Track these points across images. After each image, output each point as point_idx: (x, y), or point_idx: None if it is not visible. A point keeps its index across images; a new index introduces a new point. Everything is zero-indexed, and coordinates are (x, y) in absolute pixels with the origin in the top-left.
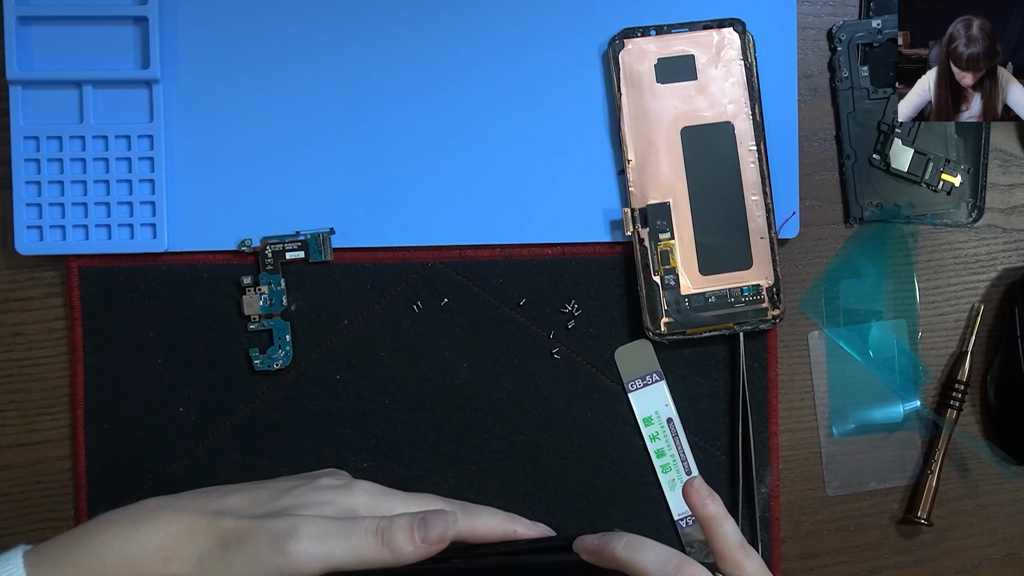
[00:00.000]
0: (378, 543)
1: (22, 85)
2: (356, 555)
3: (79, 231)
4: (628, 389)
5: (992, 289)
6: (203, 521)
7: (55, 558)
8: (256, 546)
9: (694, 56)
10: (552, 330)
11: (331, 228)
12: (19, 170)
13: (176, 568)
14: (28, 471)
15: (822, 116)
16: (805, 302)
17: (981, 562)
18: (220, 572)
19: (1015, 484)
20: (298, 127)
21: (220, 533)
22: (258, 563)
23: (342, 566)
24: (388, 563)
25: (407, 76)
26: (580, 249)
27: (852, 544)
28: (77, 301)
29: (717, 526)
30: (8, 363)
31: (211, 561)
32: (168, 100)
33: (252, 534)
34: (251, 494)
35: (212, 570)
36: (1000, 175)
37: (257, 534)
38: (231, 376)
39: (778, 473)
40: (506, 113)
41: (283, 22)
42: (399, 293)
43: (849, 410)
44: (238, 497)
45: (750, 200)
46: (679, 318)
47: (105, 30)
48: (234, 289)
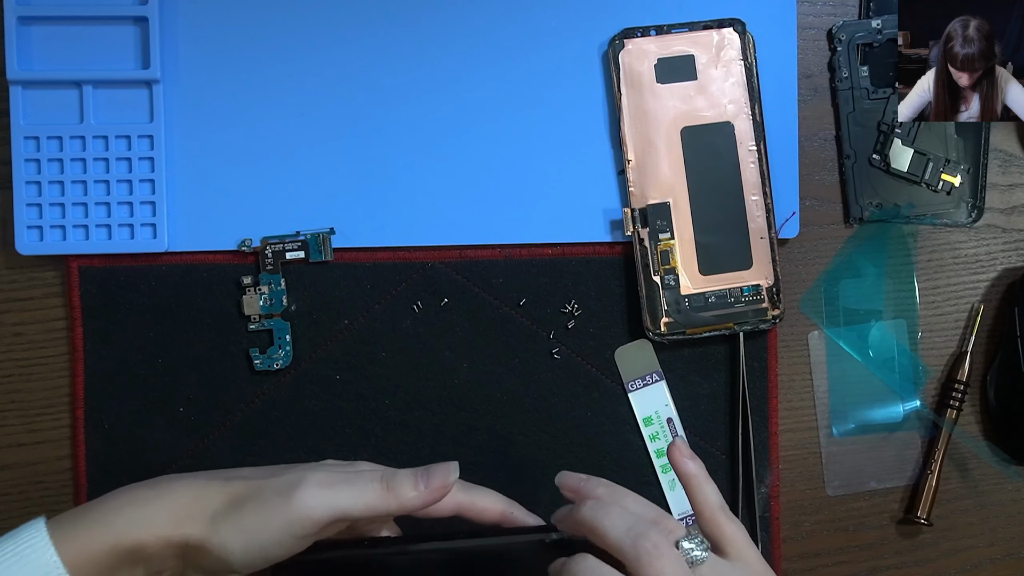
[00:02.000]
0: (383, 489)
1: (22, 85)
2: (362, 502)
3: (79, 231)
4: (628, 389)
5: (992, 289)
6: (215, 484)
7: (74, 522)
8: (266, 497)
9: (694, 56)
10: (552, 330)
11: (331, 228)
12: (19, 170)
13: (189, 529)
14: (28, 471)
15: (822, 116)
16: (805, 302)
17: (981, 562)
18: (232, 527)
19: (1015, 484)
20: (298, 127)
21: (231, 493)
22: (268, 513)
23: (349, 513)
24: (393, 510)
25: (407, 76)
26: (580, 249)
27: (852, 544)
28: (77, 301)
29: (697, 485)
30: (8, 363)
31: (223, 519)
32: (168, 100)
33: (262, 489)
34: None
35: (224, 527)
36: (1000, 175)
37: (266, 488)
38: (231, 376)
39: (778, 473)
40: (506, 113)
41: (283, 22)
42: (399, 293)
43: (849, 410)
44: (248, 469)
45: (750, 200)
46: (679, 318)
47: (105, 30)
48: (234, 289)
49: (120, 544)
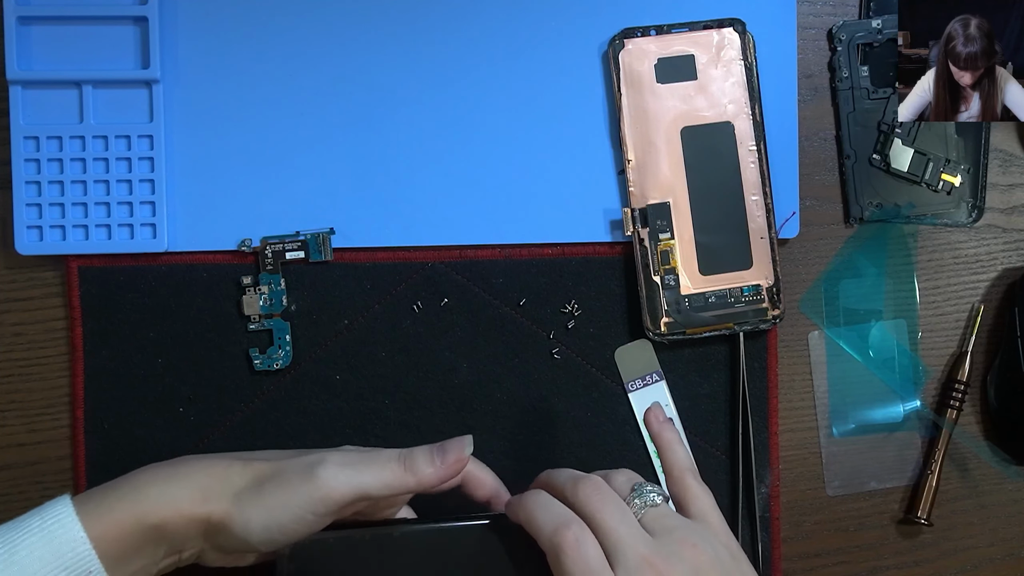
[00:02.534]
0: (400, 467)
1: (22, 85)
2: (381, 479)
3: (79, 231)
4: (628, 389)
5: (992, 289)
6: (238, 464)
7: (99, 499)
8: (287, 476)
9: (694, 56)
10: (552, 330)
11: (331, 228)
12: (19, 170)
13: (214, 506)
14: (28, 471)
15: (822, 116)
16: (805, 302)
17: (981, 562)
18: (255, 505)
19: (1015, 484)
20: (298, 127)
21: (254, 472)
22: (290, 491)
23: (369, 490)
24: (411, 487)
25: (407, 76)
26: (580, 249)
27: (852, 544)
28: (77, 301)
29: (669, 447)
30: (8, 363)
31: (246, 497)
32: (168, 100)
33: (283, 468)
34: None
35: (247, 505)
36: (1000, 175)
37: (288, 467)
38: (231, 376)
39: (778, 473)
40: (506, 113)
41: (283, 22)
42: (399, 293)
43: (849, 410)
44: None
45: (750, 200)
46: (679, 318)
47: (105, 30)
48: (234, 289)
49: (145, 520)
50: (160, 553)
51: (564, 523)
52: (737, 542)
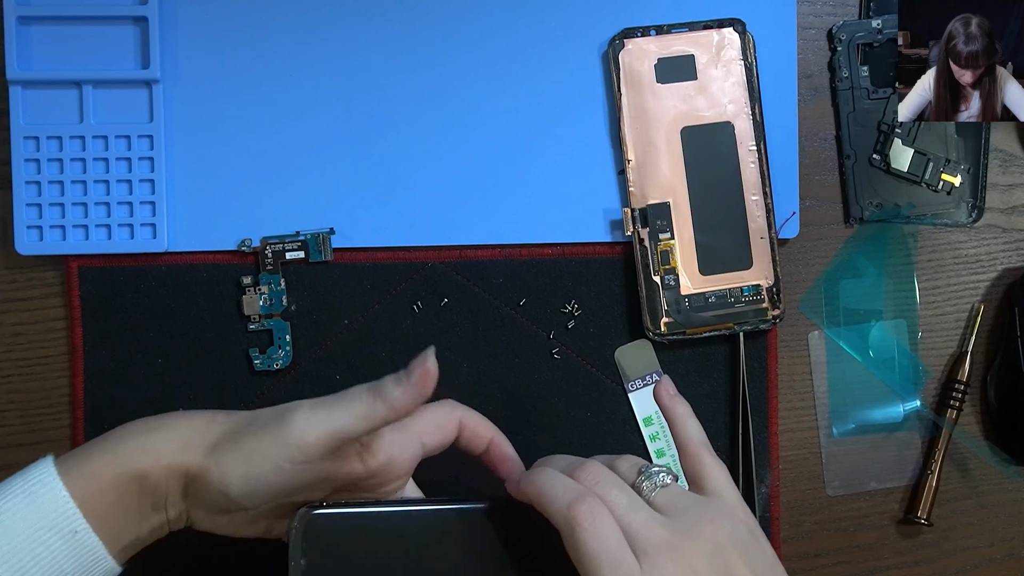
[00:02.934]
0: (371, 397)
1: (22, 85)
2: (354, 414)
3: (79, 231)
4: (628, 389)
5: (992, 289)
6: (219, 417)
7: (82, 456)
8: (262, 423)
9: (694, 56)
10: (552, 330)
11: (331, 228)
12: (19, 170)
13: (191, 456)
14: None
15: (822, 116)
16: (805, 302)
17: (981, 562)
18: (231, 455)
19: (1015, 484)
20: (298, 127)
21: (232, 422)
22: (265, 438)
23: (344, 428)
24: (384, 414)
25: (407, 76)
26: (580, 249)
27: (852, 544)
28: (77, 301)
29: (682, 422)
30: (8, 363)
31: (224, 446)
32: (168, 100)
33: (259, 416)
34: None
35: (224, 454)
36: (1000, 175)
37: (263, 415)
38: (231, 376)
39: (778, 473)
40: (506, 113)
41: (283, 22)
42: (399, 293)
43: (849, 410)
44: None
45: (750, 200)
46: (679, 318)
47: (105, 30)
48: (234, 289)
49: (125, 472)
50: (146, 507)
51: (578, 497)
52: (754, 517)
